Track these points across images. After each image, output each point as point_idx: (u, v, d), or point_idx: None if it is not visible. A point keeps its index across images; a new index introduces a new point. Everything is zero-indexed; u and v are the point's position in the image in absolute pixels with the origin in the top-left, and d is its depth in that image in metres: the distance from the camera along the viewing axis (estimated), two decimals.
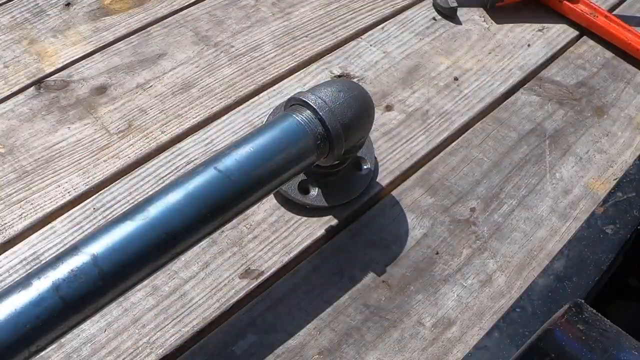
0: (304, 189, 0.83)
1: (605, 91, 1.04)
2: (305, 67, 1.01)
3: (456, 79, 1.02)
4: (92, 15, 1.07)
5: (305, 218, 0.83)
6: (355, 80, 1.00)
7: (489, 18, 1.14)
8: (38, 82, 0.96)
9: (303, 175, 0.83)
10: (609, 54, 1.10)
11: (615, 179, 0.91)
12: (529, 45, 1.10)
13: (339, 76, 1.00)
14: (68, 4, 1.08)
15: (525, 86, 1.03)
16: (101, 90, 0.95)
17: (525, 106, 1.00)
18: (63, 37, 1.03)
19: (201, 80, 0.97)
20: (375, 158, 0.89)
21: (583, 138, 0.96)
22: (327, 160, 0.74)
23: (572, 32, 1.14)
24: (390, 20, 1.11)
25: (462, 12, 1.14)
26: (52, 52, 1.00)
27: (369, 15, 1.11)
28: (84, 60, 0.99)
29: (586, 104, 1.02)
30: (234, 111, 0.94)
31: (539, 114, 0.99)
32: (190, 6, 1.09)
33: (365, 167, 0.86)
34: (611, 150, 0.95)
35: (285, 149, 0.68)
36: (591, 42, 1.12)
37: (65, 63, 0.99)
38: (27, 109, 0.92)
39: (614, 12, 1.19)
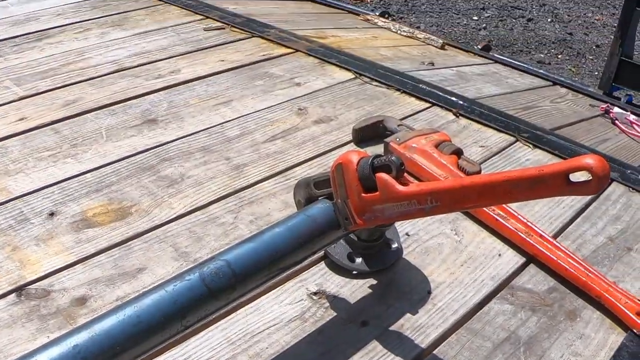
0: (350, 259, 1.07)
1: (577, 295, 1.06)
2: (281, 284, 1.05)
3: (429, 292, 1.05)
4: (75, 226, 1.13)
5: None
6: (330, 296, 1.03)
7: (460, 231, 1.20)
8: (19, 289, 1.00)
9: (350, 248, 1.08)
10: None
11: None
12: (500, 255, 1.14)
13: (316, 293, 1.04)
14: (52, 214, 1.15)
15: (498, 295, 1.06)
16: (81, 301, 0.99)
17: (499, 315, 1.02)
18: (46, 246, 1.08)
19: None
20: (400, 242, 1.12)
21: (557, 343, 0.97)
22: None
23: None
24: None
25: (434, 227, 1.20)
26: (34, 261, 1.05)
27: None
28: (65, 271, 1.04)
29: (559, 309, 1.04)
30: (211, 327, 0.96)
31: (513, 322, 1.01)
32: (170, 222, 1.17)
33: (394, 245, 1.10)
34: (585, 353, 0.96)
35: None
36: None
37: (46, 272, 1.03)
38: (7, 315, 0.95)
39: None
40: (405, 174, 0.89)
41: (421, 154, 1.30)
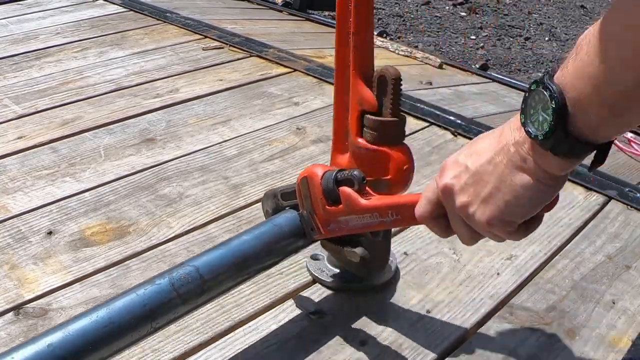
0: (346, 279, 1.07)
1: (576, 313, 1.06)
2: (280, 304, 1.05)
3: (428, 311, 1.05)
4: (73, 245, 1.13)
5: None
6: (329, 316, 1.03)
7: (459, 250, 1.19)
8: (17, 308, 0.99)
9: (345, 269, 1.08)
10: (577, 276, 1.14)
11: None
12: (498, 274, 1.14)
13: (314, 312, 1.03)
14: (50, 233, 1.15)
15: (497, 314, 1.06)
16: None
17: (498, 334, 1.02)
18: (43, 264, 1.08)
19: None
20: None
21: None
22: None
23: (541, 258, 1.19)
24: None
25: (432, 246, 1.20)
26: (32, 279, 1.05)
27: None
28: (63, 290, 1.04)
29: (557, 327, 1.03)
30: (210, 347, 0.96)
31: (512, 340, 1.00)
32: (168, 241, 1.17)
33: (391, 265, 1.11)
34: None
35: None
36: (559, 266, 1.17)
37: (44, 291, 1.03)
38: (4, 333, 0.95)
39: None
40: (367, 188, 0.91)
41: None
